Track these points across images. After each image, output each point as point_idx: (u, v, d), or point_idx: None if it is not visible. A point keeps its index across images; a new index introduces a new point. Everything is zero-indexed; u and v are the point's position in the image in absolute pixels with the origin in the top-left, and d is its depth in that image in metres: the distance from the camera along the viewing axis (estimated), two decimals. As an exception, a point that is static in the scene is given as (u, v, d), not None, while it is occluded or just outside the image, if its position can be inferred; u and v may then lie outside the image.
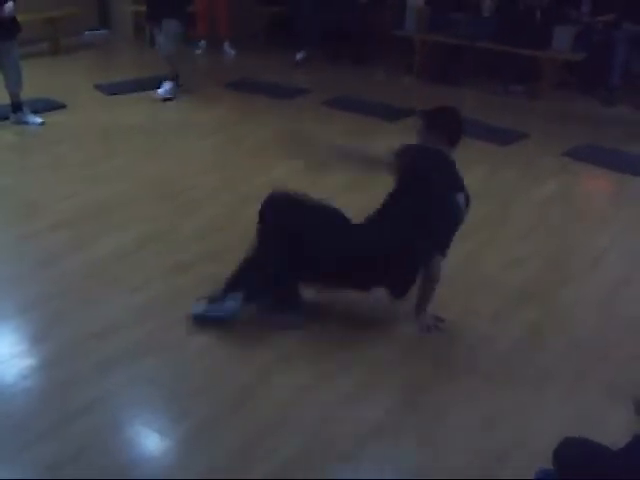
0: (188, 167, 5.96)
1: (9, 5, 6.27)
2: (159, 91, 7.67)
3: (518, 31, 8.15)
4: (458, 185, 3.83)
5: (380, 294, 3.90)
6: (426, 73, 8.87)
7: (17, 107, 6.77)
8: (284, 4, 9.94)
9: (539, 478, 2.74)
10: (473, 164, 6.13)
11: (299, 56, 9.49)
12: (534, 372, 3.56)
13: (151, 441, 3.14)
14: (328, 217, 3.84)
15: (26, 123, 6.78)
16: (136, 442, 3.14)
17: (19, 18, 6.45)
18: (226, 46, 9.95)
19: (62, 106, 7.33)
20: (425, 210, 3.70)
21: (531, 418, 3.24)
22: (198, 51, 9.93)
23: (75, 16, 9.62)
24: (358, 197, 4.74)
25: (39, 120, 6.80)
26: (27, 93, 6.83)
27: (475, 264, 4.52)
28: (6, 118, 6.77)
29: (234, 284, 3.81)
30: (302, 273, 3.78)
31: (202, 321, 3.78)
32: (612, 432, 2.85)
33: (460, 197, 3.79)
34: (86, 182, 5.59)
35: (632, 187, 5.86)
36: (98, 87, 8.04)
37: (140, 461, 3.01)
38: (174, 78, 7.75)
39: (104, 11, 10.71)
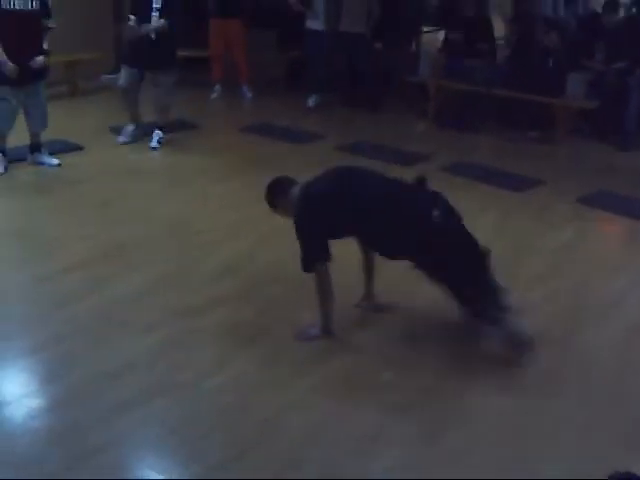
0: (202, 210, 5.98)
1: (40, 59, 6.45)
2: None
3: (532, 78, 8.20)
4: None
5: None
6: (441, 119, 8.90)
7: (36, 148, 6.84)
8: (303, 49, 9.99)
9: None
10: (487, 210, 6.15)
11: (311, 102, 9.55)
12: (549, 419, 3.51)
13: (161, 485, 3.12)
14: None
15: (43, 164, 6.83)
16: (145, 486, 3.12)
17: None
18: (244, 89, 10.02)
19: (79, 148, 7.38)
20: None
21: (546, 466, 3.19)
22: (213, 95, 10.00)
23: (93, 60, 9.75)
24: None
25: (56, 161, 6.85)
26: (45, 134, 6.89)
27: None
28: (24, 159, 6.82)
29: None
30: None
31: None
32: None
33: None
34: (101, 224, 5.61)
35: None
36: (113, 130, 8.10)
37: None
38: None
39: (121, 55, 10.85)
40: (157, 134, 7.64)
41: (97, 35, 9.96)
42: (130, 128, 7.71)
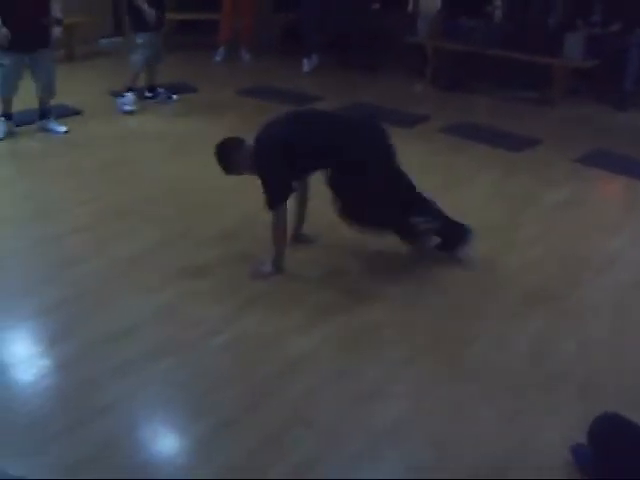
0: (204, 172, 5.98)
1: (58, 29, 6.58)
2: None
3: (529, 38, 8.19)
4: None
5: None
6: (438, 80, 8.90)
7: (44, 114, 6.88)
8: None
9: (574, 450, 2.81)
10: (485, 169, 6.20)
11: (307, 66, 9.53)
12: (547, 373, 3.59)
13: (169, 440, 3.21)
14: None
15: (50, 131, 6.87)
16: (154, 441, 3.19)
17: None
18: (242, 52, 10.01)
19: (78, 112, 7.40)
20: None
21: (543, 419, 3.27)
22: (217, 58, 9.98)
23: (90, 23, 9.72)
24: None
25: (63, 129, 6.90)
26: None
27: (488, 267, 4.56)
28: (31, 123, 6.85)
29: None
30: None
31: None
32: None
33: None
34: (103, 187, 5.66)
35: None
36: (113, 94, 8.10)
37: (158, 460, 3.07)
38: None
39: (119, 18, 10.80)
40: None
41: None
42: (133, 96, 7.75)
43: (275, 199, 4.21)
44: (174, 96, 8.04)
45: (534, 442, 3.12)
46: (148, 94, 7.98)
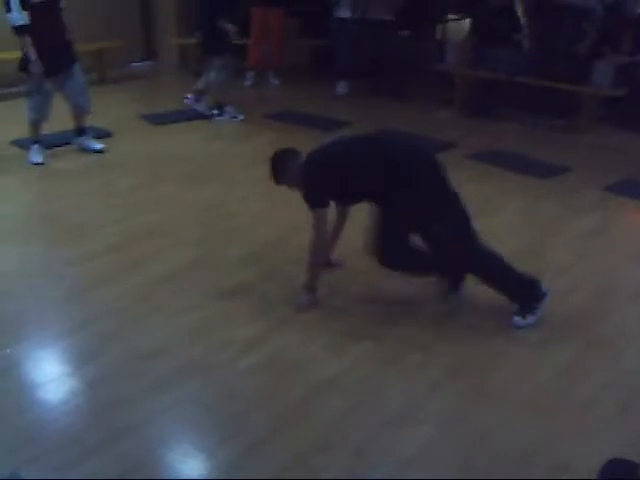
0: (232, 195, 6.06)
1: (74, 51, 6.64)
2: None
3: (558, 66, 8.20)
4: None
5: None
6: (466, 107, 8.92)
7: (79, 132, 7.01)
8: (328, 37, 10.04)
9: None
10: (514, 196, 6.19)
11: (340, 89, 9.60)
12: (577, 402, 3.56)
13: (196, 461, 3.21)
14: None
15: (87, 148, 7.01)
16: (182, 462, 3.20)
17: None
18: (270, 76, 10.10)
19: (108, 135, 7.50)
20: None
21: (571, 448, 3.24)
22: (247, 82, 10.09)
23: (122, 48, 9.86)
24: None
25: (99, 146, 7.05)
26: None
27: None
28: (67, 143, 6.97)
29: None
30: None
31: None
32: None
33: None
34: (133, 208, 5.73)
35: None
36: (144, 117, 8.21)
37: (186, 481, 3.08)
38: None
39: (150, 43, 10.96)
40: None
41: (124, 24, 10.06)
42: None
43: (310, 204, 4.19)
44: (240, 116, 8.30)
45: (564, 468, 3.10)
46: (215, 112, 8.25)
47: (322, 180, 4.20)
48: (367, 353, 3.90)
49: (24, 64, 6.33)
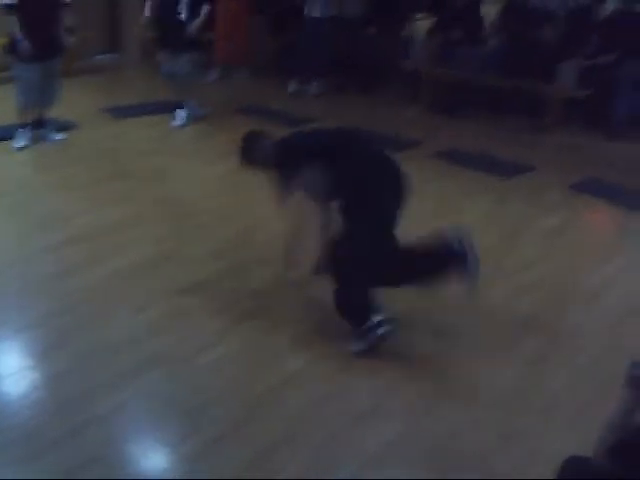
0: (197, 191, 6.03)
1: (70, 40, 6.76)
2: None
3: (523, 66, 8.27)
4: None
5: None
6: (432, 105, 8.96)
7: (40, 124, 6.97)
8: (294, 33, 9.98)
9: None
10: (478, 196, 6.23)
11: (314, 90, 9.60)
12: (540, 398, 3.60)
13: (157, 455, 3.20)
14: None
15: (48, 139, 6.98)
16: (142, 456, 3.20)
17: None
18: (236, 72, 10.05)
19: (73, 126, 7.42)
20: None
21: (537, 443, 3.28)
22: (212, 77, 10.02)
23: (86, 40, 9.74)
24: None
25: (61, 136, 7.05)
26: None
27: (479, 294, 4.57)
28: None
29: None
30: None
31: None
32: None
33: None
34: (96, 201, 5.67)
35: (635, 221, 5.91)
36: (106, 110, 8.13)
37: (147, 475, 3.06)
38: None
39: (114, 36, 10.84)
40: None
41: (91, 15, 9.94)
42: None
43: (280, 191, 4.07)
44: (202, 111, 8.11)
45: (525, 468, 3.14)
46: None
47: (291, 163, 4.06)
48: (332, 349, 3.90)
49: (11, 47, 6.39)
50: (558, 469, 2.61)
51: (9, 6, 6.26)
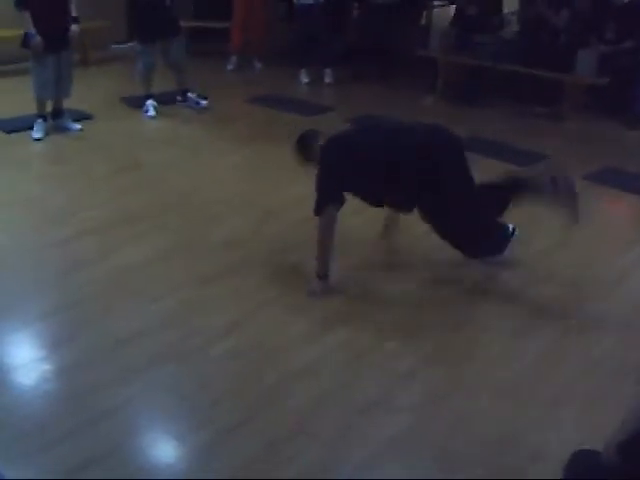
0: (212, 181, 6.02)
1: (75, 28, 6.73)
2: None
3: (542, 54, 8.19)
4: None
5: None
6: (449, 93, 8.90)
7: (59, 114, 7.01)
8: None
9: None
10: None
11: (328, 79, 9.52)
12: (552, 390, 3.57)
13: (168, 447, 3.20)
14: None
15: (66, 129, 7.01)
16: (153, 447, 3.19)
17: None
18: (253, 60, 10.02)
19: (88, 117, 7.43)
20: None
21: (547, 435, 3.25)
22: (230, 67, 10.00)
23: (105, 29, 9.76)
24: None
25: (78, 126, 7.08)
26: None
27: (495, 282, 4.55)
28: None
29: None
30: None
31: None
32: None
33: None
34: (112, 192, 5.68)
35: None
36: (124, 100, 8.14)
37: (158, 467, 3.06)
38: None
39: (131, 25, 10.84)
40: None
41: (107, 4, 9.94)
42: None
43: (321, 202, 4.19)
44: (203, 102, 8.05)
45: (537, 457, 3.11)
46: (179, 98, 8.08)
47: (337, 167, 4.23)
48: (343, 341, 3.89)
49: (26, 40, 6.45)
50: (566, 463, 2.59)
51: (21, 1, 6.33)
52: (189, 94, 8.05)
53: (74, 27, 6.69)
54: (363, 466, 3.04)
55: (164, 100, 7.98)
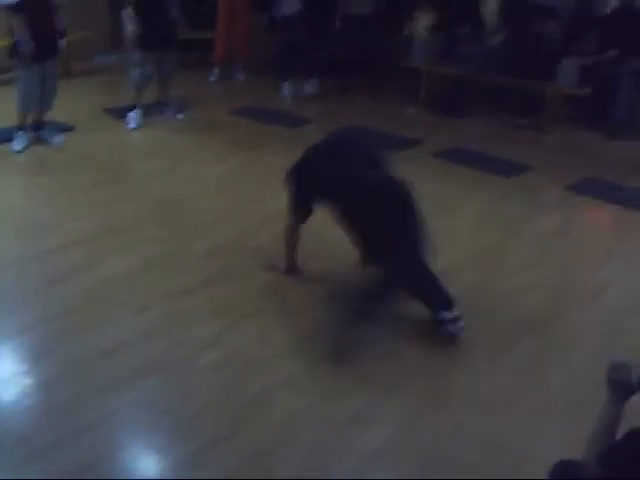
0: (195, 191, 6.02)
1: (63, 42, 6.79)
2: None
3: (524, 64, 8.23)
4: None
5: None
6: (432, 103, 8.94)
7: (40, 126, 6.97)
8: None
9: None
10: (476, 194, 6.22)
11: (309, 89, 9.53)
12: (533, 402, 3.59)
13: (151, 460, 3.19)
14: None
15: (48, 141, 6.95)
16: (136, 461, 3.18)
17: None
18: (237, 71, 10.03)
19: (71, 129, 7.41)
20: None
21: (531, 445, 3.27)
22: (213, 78, 10.00)
23: (87, 40, 9.73)
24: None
25: (61, 137, 7.04)
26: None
27: (476, 293, 4.56)
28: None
29: None
30: None
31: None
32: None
33: None
34: (96, 204, 5.66)
35: (634, 221, 5.89)
36: (108, 111, 8.13)
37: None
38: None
39: (114, 36, 10.82)
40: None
41: (90, 15, 9.92)
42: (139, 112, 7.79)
43: (290, 208, 4.39)
44: (180, 115, 8.10)
45: (521, 468, 3.13)
46: (160, 109, 8.09)
47: (300, 185, 4.32)
48: (324, 353, 3.88)
49: (14, 48, 6.41)
50: (548, 472, 2.60)
51: (10, 7, 6.27)
52: (168, 106, 8.05)
53: (61, 41, 6.72)
54: (347, 476, 3.05)
55: (147, 111, 7.97)
